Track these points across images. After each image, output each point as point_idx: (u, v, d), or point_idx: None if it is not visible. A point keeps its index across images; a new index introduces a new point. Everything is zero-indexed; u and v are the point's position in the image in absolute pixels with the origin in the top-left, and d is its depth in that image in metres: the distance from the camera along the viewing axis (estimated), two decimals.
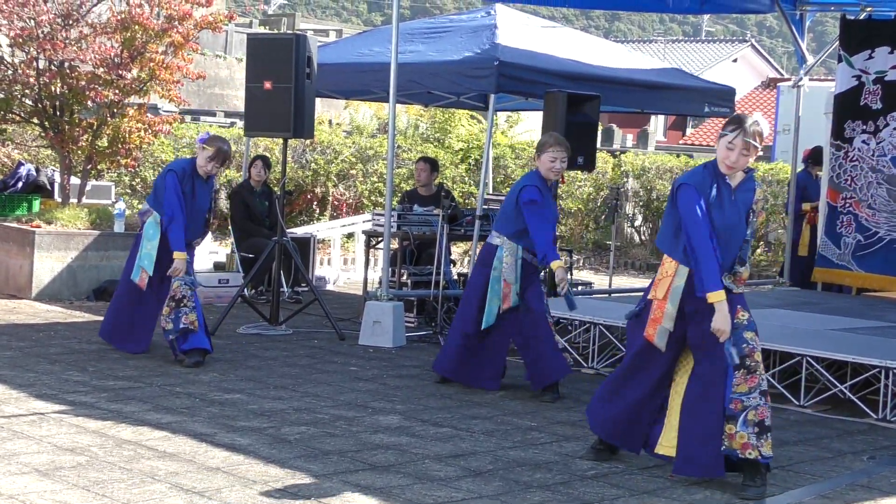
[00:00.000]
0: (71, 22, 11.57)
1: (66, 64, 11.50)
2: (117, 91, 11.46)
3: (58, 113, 11.76)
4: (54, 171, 12.58)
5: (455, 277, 10.89)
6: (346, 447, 5.94)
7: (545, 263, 7.41)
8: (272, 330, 9.60)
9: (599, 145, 16.94)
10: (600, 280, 14.43)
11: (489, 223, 9.26)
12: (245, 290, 10.14)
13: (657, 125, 37.55)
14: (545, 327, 7.46)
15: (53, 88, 11.55)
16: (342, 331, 9.50)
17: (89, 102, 11.60)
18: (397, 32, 9.39)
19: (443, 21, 12.54)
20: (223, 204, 14.43)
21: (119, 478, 5.16)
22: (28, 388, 6.93)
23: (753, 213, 5.55)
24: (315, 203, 16.33)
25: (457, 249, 14.64)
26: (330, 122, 20.43)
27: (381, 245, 9.95)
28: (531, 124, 20.09)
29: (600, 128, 17.32)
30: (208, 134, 8.42)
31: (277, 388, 7.36)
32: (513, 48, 10.55)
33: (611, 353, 8.56)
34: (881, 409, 7.26)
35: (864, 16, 12.02)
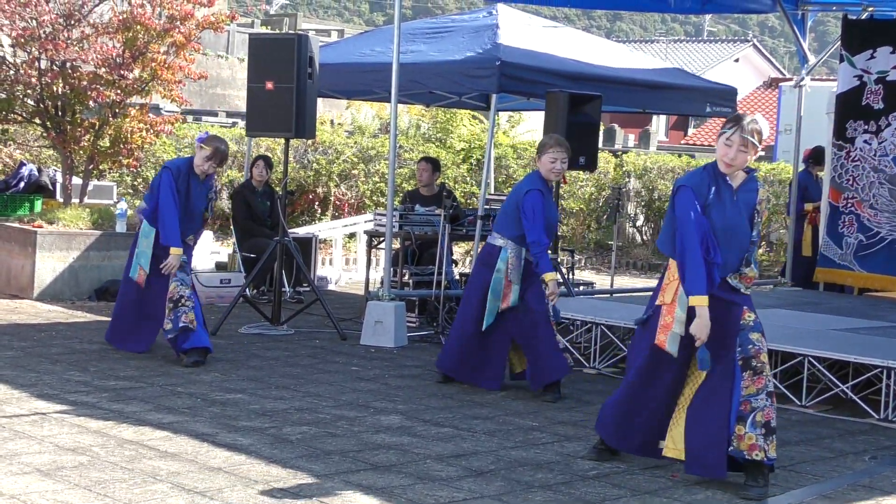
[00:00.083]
0: (73, 22, 11.57)
1: (68, 64, 11.50)
2: (119, 91, 11.46)
3: (60, 113, 11.76)
4: (56, 172, 12.58)
5: (457, 277, 10.89)
6: (348, 447, 5.94)
7: (539, 272, 7.42)
8: (274, 330, 9.60)
9: (601, 145, 16.90)
10: (602, 280, 14.44)
11: (491, 223, 9.26)
12: (247, 290, 10.15)
13: (659, 125, 37.54)
14: (546, 327, 7.46)
15: (55, 88, 11.55)
16: (344, 331, 9.50)
17: (91, 102, 11.60)
18: (399, 32, 9.39)
19: (444, 21, 12.54)
20: (225, 204, 14.44)
21: (120, 478, 5.16)
22: (30, 388, 6.93)
23: (758, 214, 5.51)
24: (317, 203, 16.33)
25: (458, 249, 14.64)
26: (332, 123, 20.43)
27: (383, 245, 9.96)
28: (533, 124, 20.08)
29: (602, 128, 17.34)
30: (207, 133, 8.42)
31: (279, 388, 7.36)
32: (514, 48, 10.56)
33: (612, 354, 8.56)
34: (883, 410, 7.25)
35: (866, 16, 12.03)
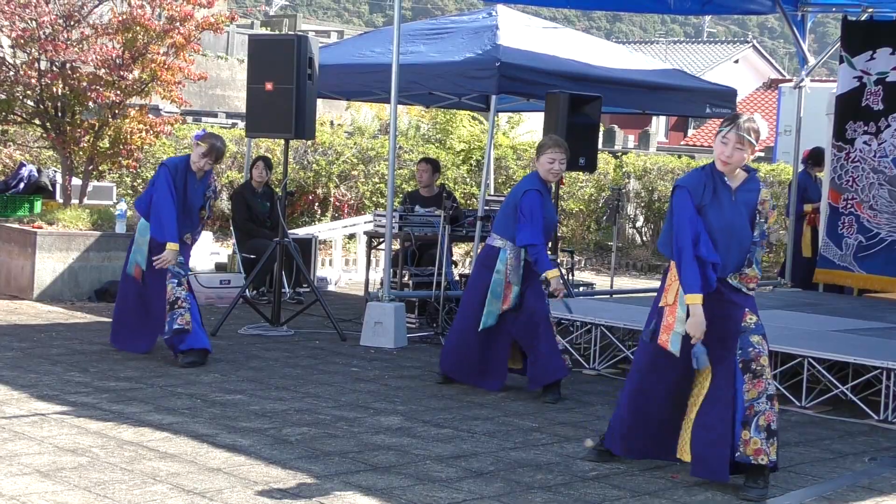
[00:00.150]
0: (72, 23, 11.57)
1: (68, 65, 11.49)
2: (119, 92, 11.46)
3: (59, 114, 11.76)
4: (56, 172, 12.58)
5: (456, 278, 10.89)
6: (348, 448, 5.94)
7: (539, 271, 7.42)
8: (273, 331, 9.60)
9: (601, 146, 16.91)
10: (602, 281, 14.44)
11: (490, 224, 9.26)
12: (246, 291, 10.15)
13: (659, 126, 37.52)
14: (546, 327, 7.46)
15: (55, 89, 11.55)
16: (344, 331, 9.50)
17: (91, 103, 11.60)
18: (399, 33, 9.39)
19: (444, 22, 12.53)
20: (224, 205, 14.44)
21: (120, 479, 5.16)
22: (29, 389, 6.93)
23: (760, 215, 5.47)
24: (316, 204, 16.33)
25: (458, 250, 14.64)
26: (331, 123, 20.42)
27: (383, 246, 9.95)
28: (533, 125, 20.06)
29: (602, 129, 17.33)
30: (204, 131, 8.46)
31: (279, 389, 7.36)
32: (514, 49, 10.56)
33: (612, 355, 8.56)
34: (882, 411, 7.25)
35: (866, 17, 12.04)
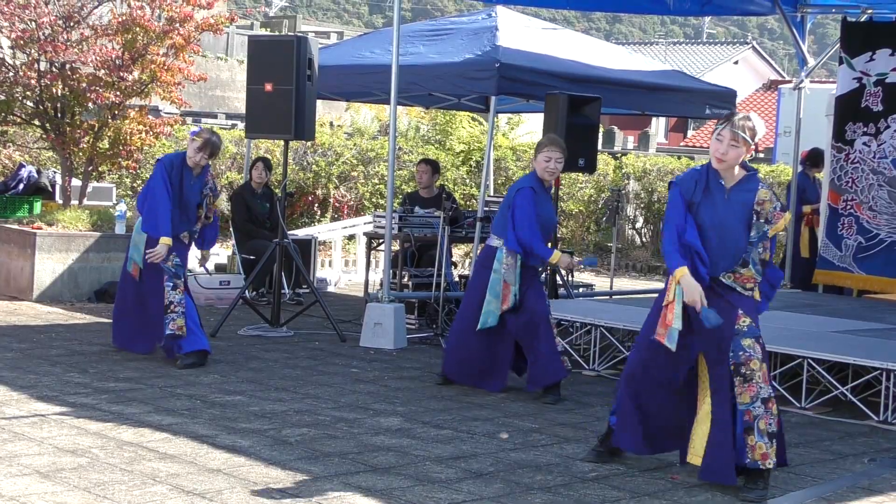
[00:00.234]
0: (72, 24, 11.57)
1: (68, 66, 11.49)
2: (118, 93, 11.46)
3: (59, 115, 11.76)
4: (55, 173, 12.58)
5: (456, 279, 10.89)
6: (347, 449, 5.94)
7: (537, 263, 7.42)
8: (273, 332, 9.60)
9: (600, 147, 16.93)
10: (601, 282, 14.44)
11: (490, 225, 9.26)
12: (246, 292, 10.14)
13: (658, 127, 37.52)
14: (545, 328, 7.46)
15: (54, 90, 11.55)
16: (343, 332, 9.50)
17: (90, 104, 11.60)
18: (398, 34, 9.38)
19: (444, 23, 12.53)
20: (224, 206, 14.43)
21: (120, 479, 5.16)
22: (29, 390, 6.93)
23: (758, 215, 5.42)
24: (316, 205, 16.33)
25: (458, 251, 14.63)
26: (331, 124, 20.42)
27: (383, 247, 9.95)
28: (532, 126, 20.06)
29: (601, 130, 17.32)
30: (200, 128, 8.48)
31: (278, 390, 7.36)
32: (514, 50, 10.56)
33: (612, 356, 8.56)
34: (882, 412, 7.25)
35: (865, 18, 12.04)
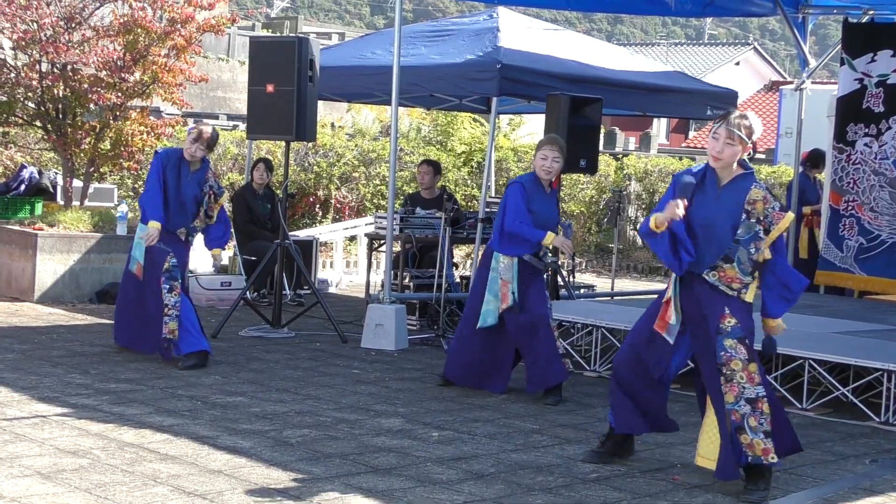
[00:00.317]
0: (74, 25, 11.58)
1: (69, 67, 11.49)
2: (120, 94, 11.47)
3: (60, 116, 11.76)
4: (57, 174, 12.58)
5: (457, 280, 10.89)
6: (349, 450, 5.94)
7: (535, 250, 7.40)
8: (274, 333, 9.60)
9: (602, 148, 16.91)
10: (603, 283, 14.44)
11: (491, 226, 9.26)
12: (247, 293, 10.14)
13: (659, 128, 37.49)
14: (546, 330, 7.45)
15: (56, 91, 11.55)
16: (344, 333, 9.50)
17: (92, 105, 11.60)
18: (399, 35, 9.39)
19: (445, 24, 12.53)
20: (225, 206, 14.42)
21: (121, 480, 5.16)
22: (30, 391, 6.93)
23: (749, 215, 5.37)
24: (317, 206, 16.32)
25: (459, 252, 14.63)
26: (332, 125, 20.42)
27: (384, 248, 9.95)
28: (534, 127, 20.05)
29: (602, 131, 17.30)
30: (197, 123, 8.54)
31: (279, 391, 7.36)
32: (515, 51, 10.56)
33: (613, 356, 8.55)
34: (884, 413, 7.25)
35: (867, 19, 12.04)
